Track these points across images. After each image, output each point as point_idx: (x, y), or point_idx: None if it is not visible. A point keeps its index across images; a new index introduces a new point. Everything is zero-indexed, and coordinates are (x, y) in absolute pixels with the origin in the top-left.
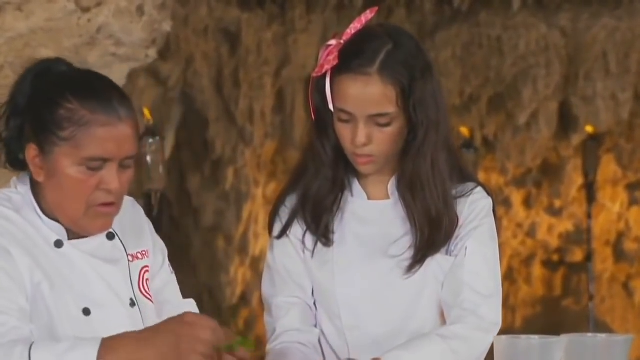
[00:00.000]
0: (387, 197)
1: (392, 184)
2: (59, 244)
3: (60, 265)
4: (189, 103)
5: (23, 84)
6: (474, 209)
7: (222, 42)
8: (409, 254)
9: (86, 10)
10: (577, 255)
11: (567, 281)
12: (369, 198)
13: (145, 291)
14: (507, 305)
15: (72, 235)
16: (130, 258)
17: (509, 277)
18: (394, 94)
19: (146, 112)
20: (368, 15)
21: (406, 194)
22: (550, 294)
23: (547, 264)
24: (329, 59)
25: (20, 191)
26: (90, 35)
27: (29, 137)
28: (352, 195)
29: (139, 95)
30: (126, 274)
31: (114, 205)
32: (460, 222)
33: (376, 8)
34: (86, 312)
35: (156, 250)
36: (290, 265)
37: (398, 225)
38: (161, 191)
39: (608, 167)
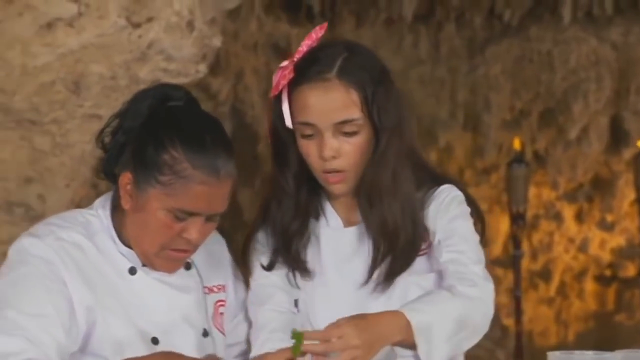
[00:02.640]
0: (359, 220)
1: None
2: (132, 270)
3: (129, 294)
4: (239, 118)
5: (141, 104)
6: (438, 207)
7: (272, 57)
8: (375, 274)
9: (137, 26)
10: (630, 270)
11: (620, 296)
12: (344, 224)
13: (219, 324)
14: (560, 321)
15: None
16: (207, 290)
17: (561, 292)
18: (357, 98)
19: None
20: (318, 31)
21: (364, 206)
22: (602, 309)
23: (600, 279)
24: (284, 74)
25: (100, 214)
26: (140, 50)
27: (127, 163)
28: (327, 224)
29: None
30: (201, 304)
31: (189, 252)
32: (432, 229)
33: (325, 24)
34: (154, 341)
35: (237, 287)
36: (277, 283)
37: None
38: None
39: None
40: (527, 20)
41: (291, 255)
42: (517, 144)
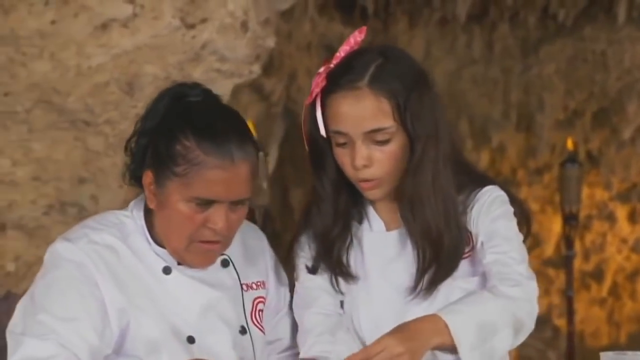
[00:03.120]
0: (402, 224)
1: None
2: (167, 270)
3: (164, 294)
4: (292, 118)
5: (158, 104)
6: (480, 208)
7: (325, 58)
8: (419, 280)
9: (191, 26)
10: None
11: None
12: (386, 228)
13: (257, 321)
14: (612, 321)
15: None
16: (245, 287)
17: (613, 292)
18: (389, 107)
19: (251, 125)
20: (357, 36)
21: (406, 214)
22: None
23: None
24: (317, 82)
25: (134, 215)
26: (194, 51)
27: (148, 163)
28: (370, 228)
29: (242, 111)
30: (238, 302)
31: (219, 244)
32: (475, 231)
33: (364, 28)
34: (190, 340)
35: (279, 283)
36: (322, 285)
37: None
38: (265, 207)
39: None
40: (581, 19)
41: (333, 259)
42: (570, 144)
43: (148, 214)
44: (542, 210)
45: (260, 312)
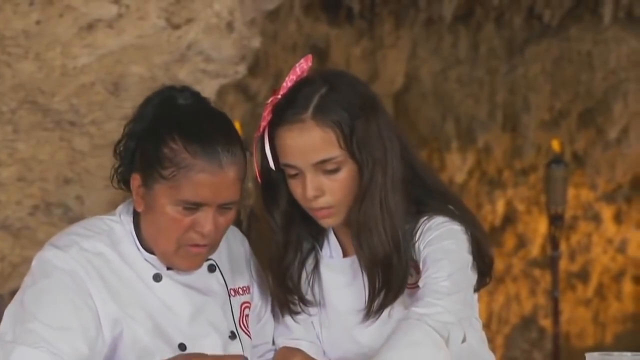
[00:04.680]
0: None
1: None
2: (157, 277)
3: (155, 301)
4: None
5: (147, 107)
6: (422, 238)
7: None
8: (370, 304)
9: (176, 27)
10: None
11: None
12: (345, 253)
13: (244, 326)
14: (598, 322)
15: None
16: (232, 292)
17: (599, 293)
18: (334, 137)
19: (238, 126)
20: (303, 64)
21: (355, 241)
22: None
23: (638, 280)
24: (264, 116)
25: (122, 220)
26: (180, 52)
27: (136, 166)
28: (330, 254)
29: (228, 111)
30: (227, 307)
31: (206, 247)
32: (421, 260)
33: (310, 56)
34: (182, 347)
35: (262, 289)
36: (301, 336)
37: None
38: (251, 206)
39: None
40: (567, 20)
41: (288, 287)
42: (556, 144)
43: (136, 219)
44: (527, 210)
45: (247, 317)
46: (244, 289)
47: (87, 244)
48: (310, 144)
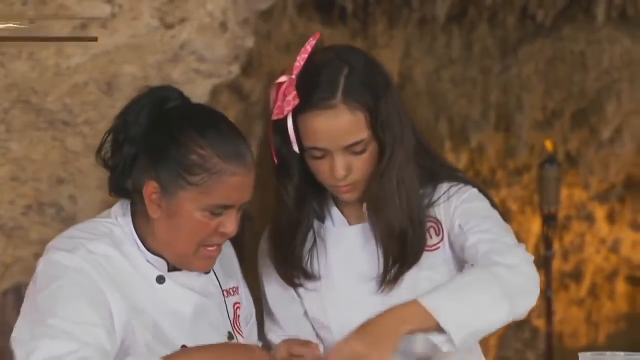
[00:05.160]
0: (365, 219)
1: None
2: (160, 279)
3: (158, 303)
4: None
5: (139, 112)
6: (449, 196)
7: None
8: (385, 273)
9: (170, 26)
10: None
11: None
12: (349, 223)
13: (238, 327)
14: (591, 322)
15: (170, 267)
16: (226, 293)
17: (592, 293)
18: (363, 119)
19: None
20: (312, 42)
21: (371, 212)
22: (633, 311)
23: (631, 280)
24: (288, 100)
25: (120, 222)
26: (173, 51)
27: (147, 173)
28: (333, 224)
29: (221, 110)
30: (222, 308)
31: (219, 247)
32: (447, 219)
33: (318, 34)
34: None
35: (246, 289)
36: (284, 312)
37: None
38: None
39: None
40: (560, 20)
41: (294, 262)
42: (549, 144)
43: (136, 222)
44: (521, 210)
45: (239, 318)
46: (234, 289)
47: (93, 246)
48: (342, 128)
